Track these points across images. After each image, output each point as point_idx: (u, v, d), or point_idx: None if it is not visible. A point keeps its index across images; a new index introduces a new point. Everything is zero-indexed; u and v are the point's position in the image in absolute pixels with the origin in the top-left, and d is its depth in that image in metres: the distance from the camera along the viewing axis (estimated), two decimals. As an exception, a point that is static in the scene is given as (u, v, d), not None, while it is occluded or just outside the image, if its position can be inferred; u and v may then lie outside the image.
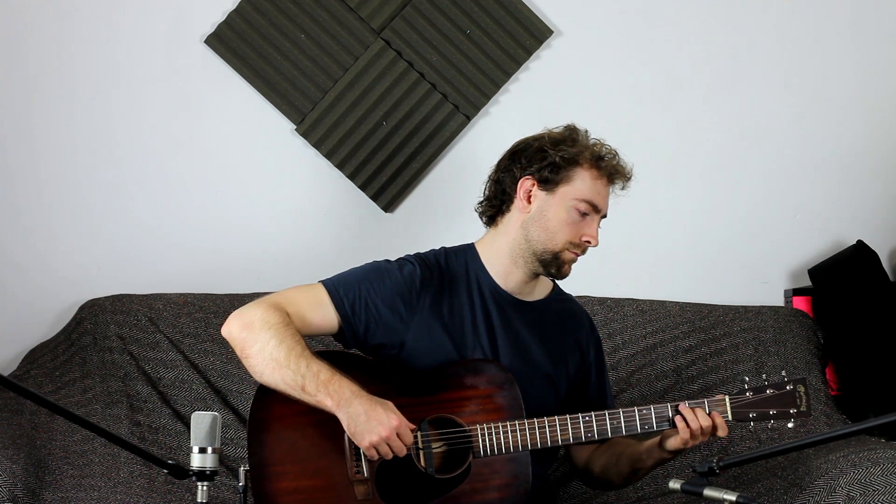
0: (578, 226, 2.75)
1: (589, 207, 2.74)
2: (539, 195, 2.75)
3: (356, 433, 2.55)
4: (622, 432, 2.67)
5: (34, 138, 3.62)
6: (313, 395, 2.57)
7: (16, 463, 2.92)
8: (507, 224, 2.79)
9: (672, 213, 3.76)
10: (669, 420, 2.66)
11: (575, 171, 2.74)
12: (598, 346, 2.94)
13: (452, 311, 2.76)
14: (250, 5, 3.64)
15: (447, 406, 2.65)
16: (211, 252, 3.66)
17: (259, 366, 2.61)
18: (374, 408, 2.55)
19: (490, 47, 3.69)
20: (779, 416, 2.69)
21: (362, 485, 2.58)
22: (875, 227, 3.75)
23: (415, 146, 3.69)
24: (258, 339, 2.61)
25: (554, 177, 2.73)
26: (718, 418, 2.66)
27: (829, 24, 3.79)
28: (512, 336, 2.77)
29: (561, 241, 2.74)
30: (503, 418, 2.64)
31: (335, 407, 2.55)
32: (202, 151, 3.67)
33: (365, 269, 2.78)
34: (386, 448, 2.55)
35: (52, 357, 3.44)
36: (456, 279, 2.79)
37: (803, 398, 2.70)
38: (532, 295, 2.84)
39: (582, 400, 2.86)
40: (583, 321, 2.93)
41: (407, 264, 2.78)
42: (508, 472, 2.63)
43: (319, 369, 2.57)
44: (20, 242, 3.61)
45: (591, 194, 2.75)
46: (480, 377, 2.69)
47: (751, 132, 3.77)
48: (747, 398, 2.69)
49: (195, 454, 2.37)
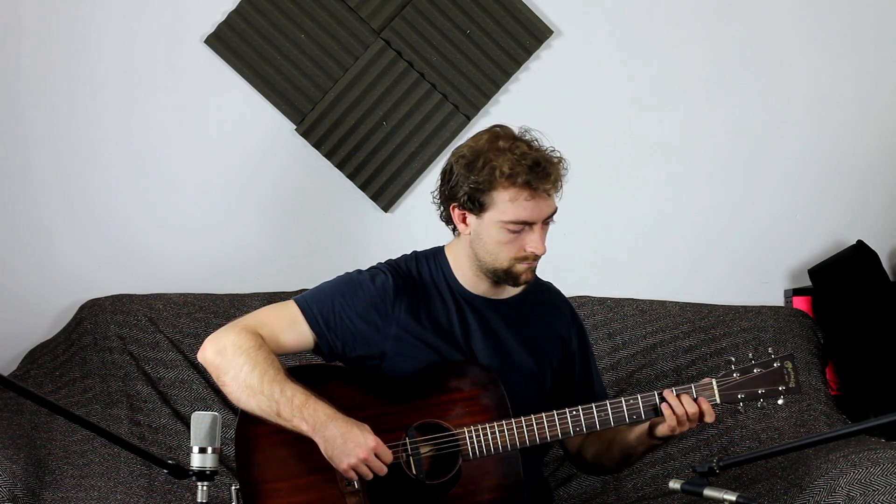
0: (517, 241, 2.65)
1: (518, 226, 2.63)
2: (471, 218, 2.69)
3: (333, 456, 2.54)
4: (611, 423, 2.64)
5: (34, 138, 3.62)
6: (289, 420, 2.56)
7: (16, 463, 2.92)
8: (462, 238, 2.75)
9: (672, 213, 3.76)
10: (657, 408, 2.64)
11: (491, 196, 2.62)
12: (581, 333, 2.90)
13: (429, 317, 2.73)
14: (250, 5, 3.64)
15: (433, 411, 2.64)
16: (211, 252, 3.66)
17: (235, 392, 2.61)
18: (351, 430, 2.54)
19: (490, 47, 3.69)
20: (768, 394, 2.65)
21: (354, 496, 2.57)
22: (875, 227, 3.75)
23: (415, 146, 3.69)
24: (232, 366, 2.60)
25: (474, 205, 2.65)
26: (705, 404, 2.62)
27: (830, 25, 3.79)
28: (490, 337, 2.75)
29: (504, 258, 2.67)
30: (490, 419, 2.63)
31: (311, 431, 2.54)
32: (202, 151, 3.67)
33: (337, 283, 2.75)
34: (365, 469, 2.53)
35: (52, 357, 3.44)
36: (428, 285, 2.77)
37: (791, 374, 2.66)
38: (506, 293, 2.79)
39: (568, 389, 2.84)
40: (562, 310, 2.89)
41: (379, 274, 2.75)
42: (499, 473, 2.62)
43: (294, 394, 2.56)
44: (20, 242, 3.61)
45: (515, 214, 2.62)
46: (464, 379, 2.67)
47: (751, 132, 3.77)
48: (734, 379, 2.65)
49: (195, 454, 2.37)
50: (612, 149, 3.74)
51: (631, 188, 3.75)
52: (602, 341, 3.47)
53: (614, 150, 3.74)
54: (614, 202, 3.73)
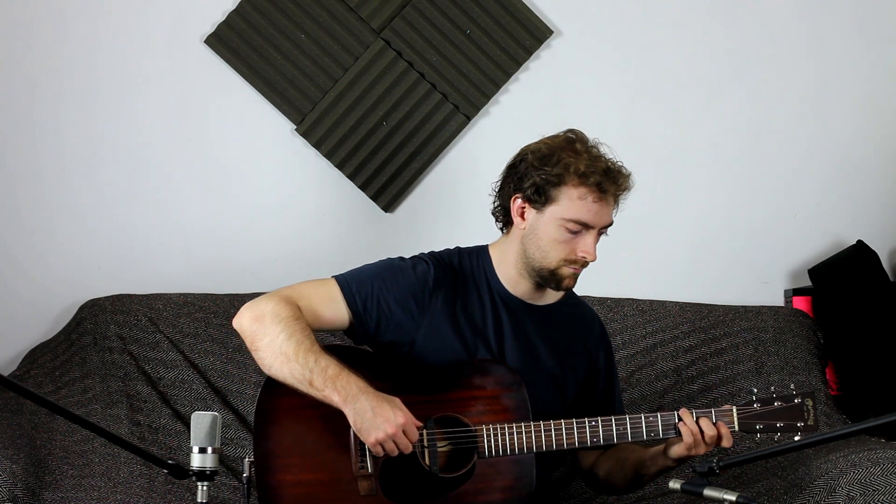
0: (572, 242, 2.70)
1: (578, 226, 2.69)
2: (531, 213, 2.72)
3: (362, 429, 2.55)
4: (628, 438, 2.66)
5: (34, 138, 3.62)
6: (321, 389, 2.56)
7: (16, 463, 2.92)
8: (513, 234, 2.78)
9: (672, 213, 3.76)
10: (675, 428, 2.65)
11: (560, 191, 2.68)
12: (609, 352, 2.93)
13: (464, 312, 2.75)
14: (250, 5, 3.64)
15: (454, 405, 2.65)
16: (211, 252, 3.66)
17: (268, 359, 2.61)
18: (381, 404, 2.55)
19: (490, 47, 3.69)
20: (786, 428, 2.67)
21: (366, 480, 2.58)
22: (875, 227, 3.75)
23: (415, 146, 3.69)
24: (268, 332, 2.61)
25: (540, 197, 2.69)
26: (724, 429, 2.65)
27: (830, 24, 3.79)
28: (521, 339, 2.77)
29: (555, 258, 2.71)
30: (510, 420, 2.64)
31: (342, 402, 2.55)
32: (202, 151, 3.67)
33: (378, 267, 2.77)
34: (392, 445, 2.55)
35: (52, 357, 3.44)
36: (468, 280, 2.79)
37: (811, 412, 2.68)
38: (543, 299, 2.83)
39: (589, 404, 2.86)
40: (593, 326, 2.92)
41: (421, 263, 2.77)
42: (512, 474, 2.63)
43: (328, 364, 2.57)
44: (20, 242, 3.61)
45: (578, 213, 2.68)
46: (488, 378, 2.68)
47: (751, 132, 3.77)
48: (755, 409, 2.67)
49: (195, 454, 2.37)
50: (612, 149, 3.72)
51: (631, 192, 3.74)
52: (611, 345, 3.47)
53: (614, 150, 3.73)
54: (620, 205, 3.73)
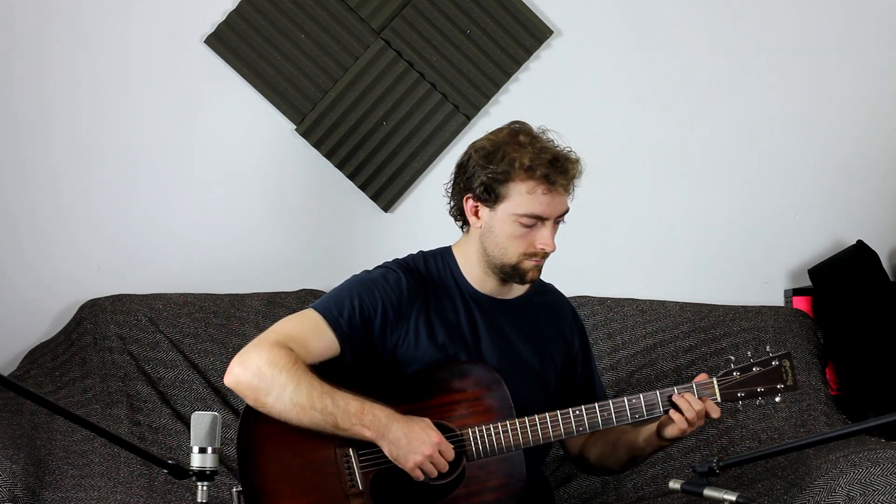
0: (529, 236, 2.67)
1: (532, 219, 2.65)
2: (484, 211, 2.70)
3: (399, 457, 2.54)
4: (613, 423, 2.65)
5: (34, 138, 3.62)
6: (347, 430, 2.55)
7: (16, 463, 2.92)
8: (472, 234, 2.76)
9: (672, 213, 3.76)
10: (659, 407, 2.65)
11: (508, 188, 2.64)
12: (583, 335, 2.92)
13: (438, 317, 2.73)
14: (250, 5, 3.64)
15: (437, 412, 2.63)
16: (211, 252, 3.66)
17: (283, 412, 2.55)
18: (412, 428, 2.54)
19: (490, 47, 3.69)
20: (766, 392, 2.68)
21: (358, 498, 2.57)
22: (875, 227, 3.75)
23: (415, 146, 3.69)
24: (273, 387, 2.55)
25: (490, 195, 2.66)
26: (709, 402, 2.65)
27: (829, 24, 3.79)
28: (497, 337, 2.76)
29: (514, 253, 2.69)
30: (494, 419, 2.63)
31: (375, 438, 2.54)
32: (202, 151, 3.67)
33: (350, 284, 2.73)
34: (430, 466, 2.54)
35: (52, 357, 3.44)
36: (437, 284, 2.77)
37: (789, 372, 2.69)
38: (512, 293, 2.81)
39: (570, 390, 2.85)
40: (565, 311, 2.90)
41: (390, 272, 2.74)
42: (503, 472, 2.62)
43: (346, 402, 2.55)
44: (20, 242, 3.61)
45: (530, 207, 2.64)
46: (467, 380, 2.67)
47: (751, 132, 3.77)
48: (734, 378, 2.68)
49: (195, 454, 2.37)
50: (612, 149, 3.73)
51: (631, 188, 3.75)
52: (602, 341, 3.47)
53: (614, 150, 3.74)
54: (614, 202, 3.73)
